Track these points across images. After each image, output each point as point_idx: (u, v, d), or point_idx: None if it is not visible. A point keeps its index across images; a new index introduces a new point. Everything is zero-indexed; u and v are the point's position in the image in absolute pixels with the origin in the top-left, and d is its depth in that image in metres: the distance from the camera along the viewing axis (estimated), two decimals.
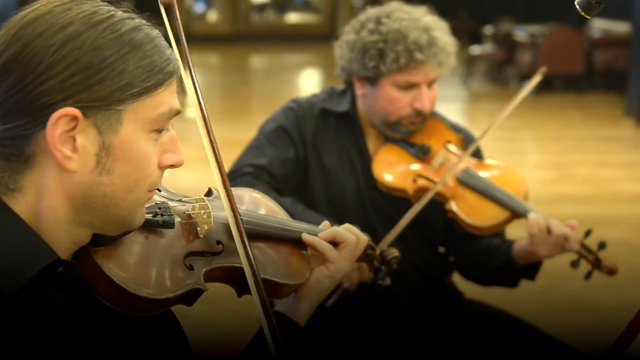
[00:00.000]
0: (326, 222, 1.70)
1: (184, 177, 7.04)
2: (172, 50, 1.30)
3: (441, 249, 2.60)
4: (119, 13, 1.24)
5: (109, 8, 1.24)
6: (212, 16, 21.20)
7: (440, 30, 2.38)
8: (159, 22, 1.37)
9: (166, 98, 1.26)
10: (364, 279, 2.23)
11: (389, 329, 2.45)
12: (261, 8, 21.69)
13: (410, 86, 2.36)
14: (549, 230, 2.23)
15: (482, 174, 2.41)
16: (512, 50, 13.13)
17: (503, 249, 2.38)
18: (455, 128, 2.54)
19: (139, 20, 1.26)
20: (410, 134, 2.45)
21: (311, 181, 2.44)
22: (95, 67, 1.17)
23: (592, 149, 8.64)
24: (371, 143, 2.50)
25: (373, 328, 2.44)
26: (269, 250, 1.55)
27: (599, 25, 13.49)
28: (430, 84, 2.39)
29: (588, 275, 2.35)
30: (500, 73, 13.85)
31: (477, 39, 14.80)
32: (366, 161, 2.47)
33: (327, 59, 13.78)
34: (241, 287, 1.47)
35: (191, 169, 7.62)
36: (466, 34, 13.70)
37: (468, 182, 2.38)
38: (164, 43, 1.28)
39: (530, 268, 2.38)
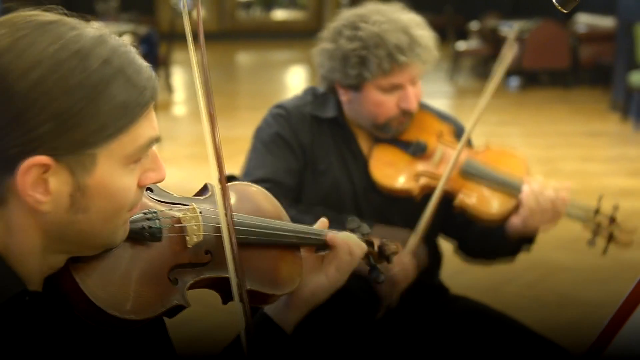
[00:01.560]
0: (324, 220, 1.64)
1: (171, 174, 7.01)
2: (149, 68, 1.19)
3: (436, 249, 2.59)
4: (88, 39, 1.13)
5: (76, 33, 1.12)
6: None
7: (418, 27, 2.35)
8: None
9: (143, 130, 1.17)
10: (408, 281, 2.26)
11: (374, 327, 2.44)
12: (247, 5, 21.65)
13: (395, 87, 2.34)
14: (538, 204, 2.24)
15: (483, 162, 2.41)
16: (498, 46, 13.15)
17: (497, 228, 2.38)
18: (444, 118, 2.53)
19: (111, 43, 1.15)
20: (401, 132, 2.44)
21: (307, 187, 2.41)
22: (65, 114, 1.08)
23: (578, 144, 8.66)
24: (364, 145, 2.48)
25: (358, 326, 2.43)
26: (259, 258, 1.48)
27: (584, 21, 13.53)
28: (413, 81, 2.37)
29: (604, 251, 2.40)
30: (486, 69, 13.86)
31: (463, 35, 14.80)
32: (361, 164, 2.45)
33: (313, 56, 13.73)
34: (227, 295, 1.41)
35: (178, 166, 7.60)
36: (452, 30, 13.70)
37: (472, 174, 2.37)
38: (141, 64, 1.18)
39: (526, 240, 2.41)
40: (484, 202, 2.35)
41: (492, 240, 2.41)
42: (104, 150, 1.13)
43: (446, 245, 2.69)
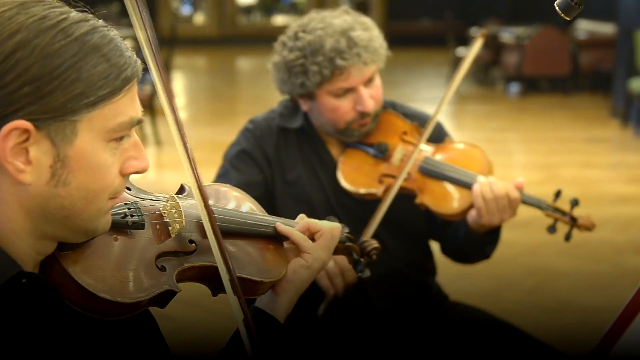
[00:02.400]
0: (302, 215, 1.68)
1: (170, 179, 7.03)
2: (132, 52, 1.22)
3: (425, 245, 2.59)
4: (72, 15, 1.17)
5: (62, 10, 1.17)
6: (199, 18, 21.18)
7: (359, 27, 2.34)
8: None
9: (125, 106, 1.19)
10: (348, 283, 2.23)
11: (370, 335, 2.44)
12: (248, 10, 21.68)
13: (347, 91, 2.34)
14: (494, 198, 2.24)
15: (442, 159, 2.41)
16: (498, 52, 13.16)
17: (464, 221, 2.38)
18: (409, 117, 2.51)
19: (93, 22, 1.19)
20: (367, 134, 2.44)
21: (279, 198, 2.42)
22: (46, 77, 1.11)
23: (578, 150, 8.67)
24: (334, 151, 2.48)
25: (354, 334, 2.43)
26: (244, 247, 1.52)
27: (584, 27, 13.54)
28: (368, 82, 2.36)
29: (568, 237, 2.35)
30: (486, 75, 13.88)
31: (464, 41, 14.82)
32: (331, 170, 2.45)
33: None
34: (216, 286, 1.44)
35: (178, 171, 7.61)
36: (452, 36, 13.71)
37: (430, 172, 2.37)
38: (122, 45, 1.20)
39: (491, 233, 2.38)
40: (443, 198, 2.35)
41: (459, 236, 2.41)
42: (84, 119, 1.15)
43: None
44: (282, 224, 1.59)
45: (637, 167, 7.97)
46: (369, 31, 2.35)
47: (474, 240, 2.38)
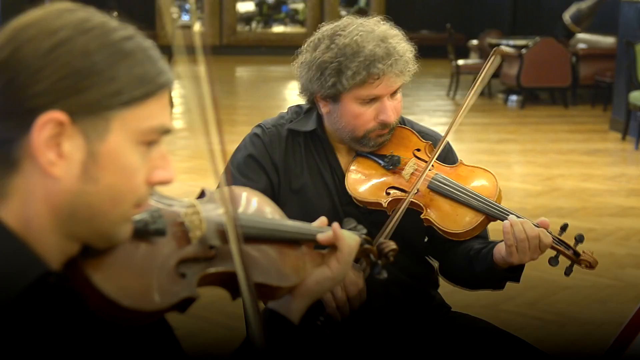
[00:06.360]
0: (323, 219, 1.67)
1: (169, 189, 7.00)
2: (166, 61, 1.29)
3: (426, 259, 2.57)
4: (112, 22, 1.23)
5: (103, 16, 1.23)
6: (198, 27, 21.19)
7: (396, 38, 2.34)
8: (150, 35, 1.35)
9: (156, 111, 1.24)
10: (345, 315, 2.21)
11: (372, 344, 2.43)
12: (247, 19, 21.70)
13: (373, 99, 2.33)
14: (527, 238, 2.21)
15: (453, 178, 2.41)
16: (500, 63, 13.16)
17: (484, 254, 2.36)
18: (423, 135, 2.52)
19: (131, 31, 1.25)
20: (380, 145, 2.43)
21: (284, 204, 2.40)
22: (84, 72, 1.16)
23: (578, 163, 8.66)
24: (342, 159, 2.48)
25: (356, 343, 2.42)
26: (263, 252, 1.53)
27: (584, 39, 13.55)
28: (392, 94, 2.36)
29: (568, 271, 2.32)
30: (485, 86, 13.89)
31: (464, 54, 14.83)
32: (339, 177, 2.45)
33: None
34: (235, 291, 1.44)
35: (176, 180, 7.58)
36: (452, 48, 13.72)
37: (439, 189, 2.37)
38: (156, 55, 1.27)
39: (513, 270, 2.36)
40: (449, 216, 2.34)
41: (477, 268, 2.38)
42: (117, 117, 1.19)
43: None
44: (336, 229, 1.62)
45: (637, 180, 7.96)
46: (404, 43, 2.36)
47: (495, 274, 2.36)
